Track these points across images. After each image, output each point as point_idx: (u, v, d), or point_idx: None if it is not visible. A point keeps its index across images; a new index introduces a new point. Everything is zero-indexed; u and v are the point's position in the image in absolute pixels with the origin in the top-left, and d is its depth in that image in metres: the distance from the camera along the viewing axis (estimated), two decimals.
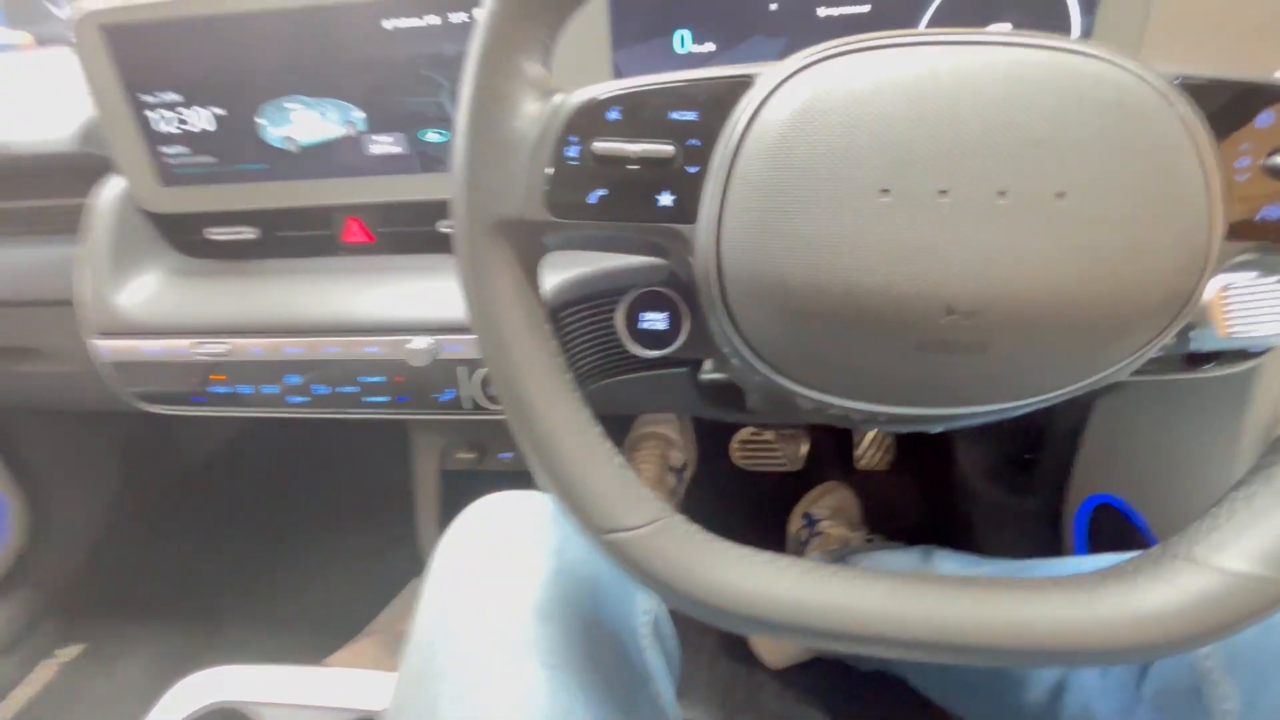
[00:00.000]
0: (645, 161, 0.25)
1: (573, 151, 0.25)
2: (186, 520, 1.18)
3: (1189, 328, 0.37)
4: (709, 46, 0.45)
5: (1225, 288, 0.34)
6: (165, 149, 0.53)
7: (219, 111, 0.51)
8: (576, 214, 0.26)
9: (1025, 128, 0.22)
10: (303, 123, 0.51)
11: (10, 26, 0.98)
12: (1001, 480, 0.93)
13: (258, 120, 0.51)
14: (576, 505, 0.27)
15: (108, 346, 0.53)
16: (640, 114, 0.25)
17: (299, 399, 0.52)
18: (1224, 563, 0.24)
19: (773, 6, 0.44)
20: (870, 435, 1.08)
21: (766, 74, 0.24)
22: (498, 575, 0.35)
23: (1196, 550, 0.25)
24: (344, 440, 1.20)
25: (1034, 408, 0.27)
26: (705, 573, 0.26)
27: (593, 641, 0.34)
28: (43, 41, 0.94)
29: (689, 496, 1.07)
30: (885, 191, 0.23)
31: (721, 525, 0.28)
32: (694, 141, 0.25)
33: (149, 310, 0.53)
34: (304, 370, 0.51)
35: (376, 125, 0.51)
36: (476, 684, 0.31)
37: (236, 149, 0.52)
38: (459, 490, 0.71)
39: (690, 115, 0.25)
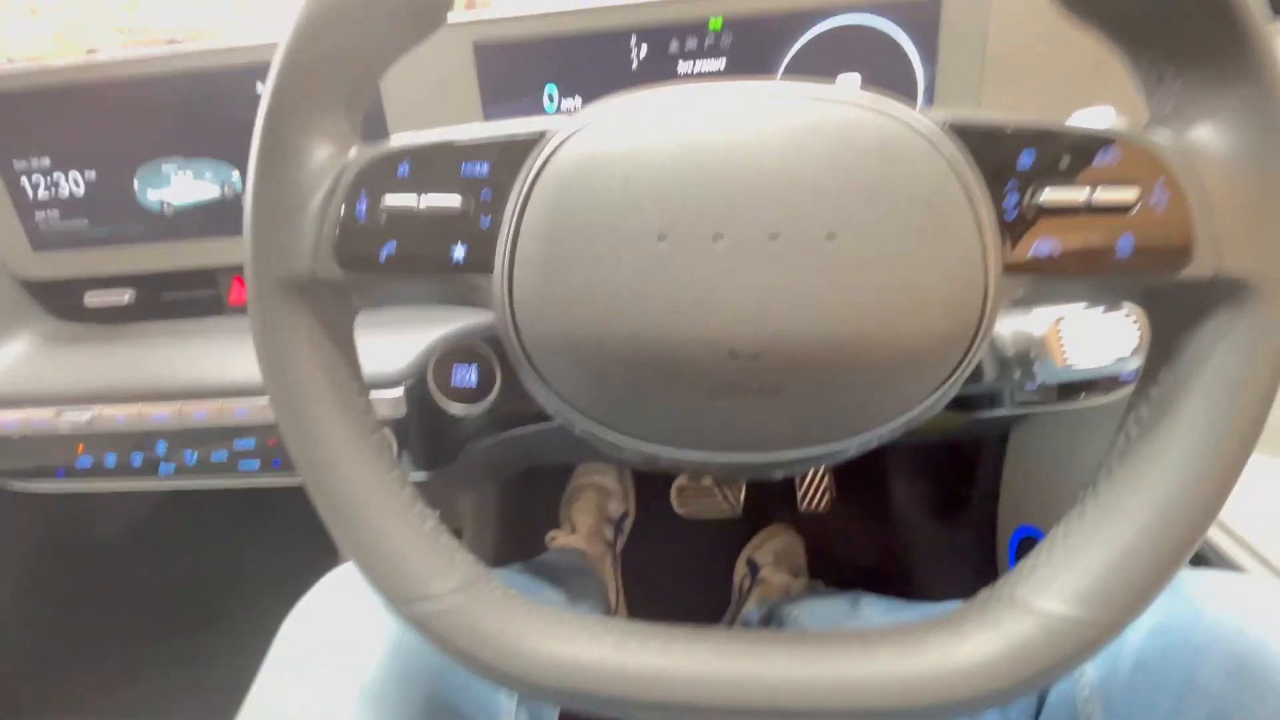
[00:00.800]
0: (434, 215, 0.25)
1: (362, 205, 0.25)
2: (96, 604, 1.10)
3: (1031, 361, 0.38)
4: (576, 100, 0.46)
5: (1059, 321, 0.35)
6: (37, 214, 0.52)
7: (91, 175, 0.50)
8: (369, 270, 0.25)
9: (795, 173, 0.22)
10: (179, 184, 0.50)
11: None
12: (937, 516, 0.92)
13: (134, 183, 0.50)
14: (379, 578, 0.25)
15: None
16: (431, 168, 0.25)
17: (168, 468, 0.49)
18: (1042, 604, 0.23)
19: (635, 64, 0.45)
20: (808, 476, 1.07)
21: (555, 129, 0.25)
22: (331, 655, 0.33)
23: (1019, 591, 0.24)
24: (266, 508, 1.14)
25: (855, 450, 0.27)
26: (513, 641, 0.24)
27: None
28: None
29: (633, 551, 1.04)
30: (662, 238, 0.22)
31: (667, 577, 0.27)
32: (486, 193, 0.25)
33: (10, 379, 0.51)
34: (171, 437, 0.49)
35: None
36: None
37: (111, 212, 0.51)
38: None
39: (482, 167, 0.25)
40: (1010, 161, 0.23)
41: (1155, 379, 0.25)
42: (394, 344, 0.46)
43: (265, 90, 0.24)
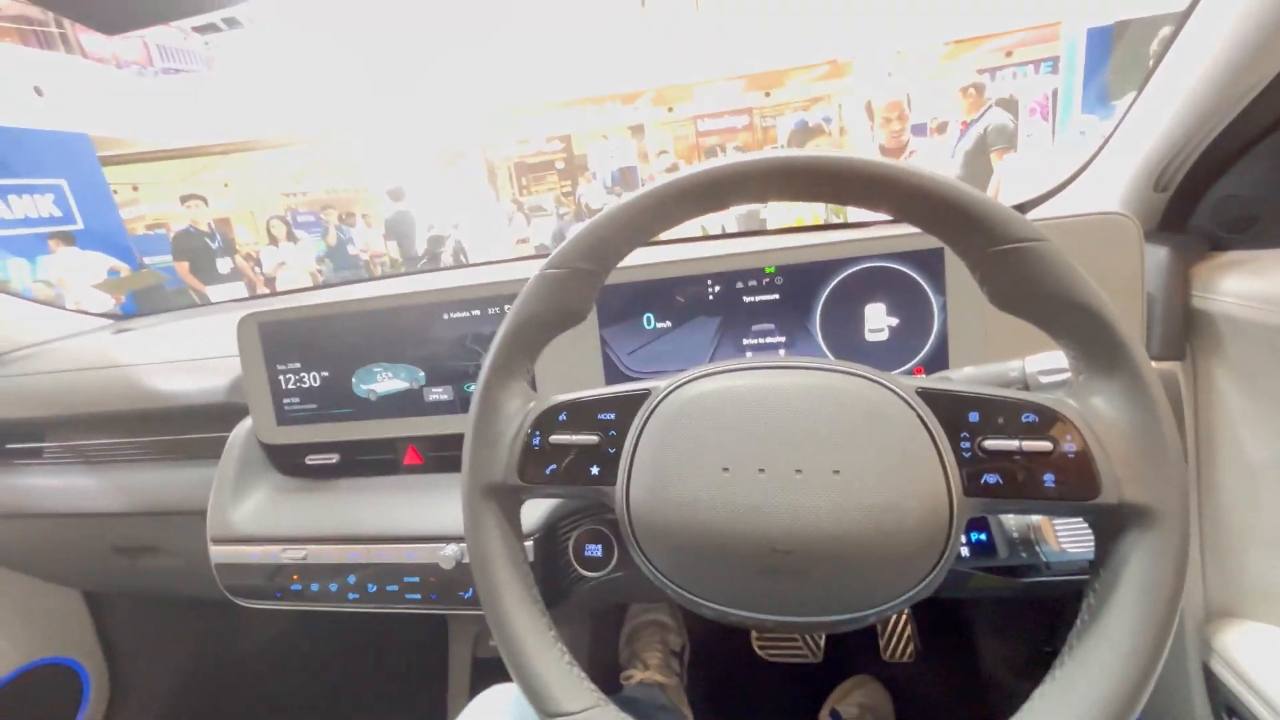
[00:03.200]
0: (580, 447, 0.39)
1: (536, 440, 0.40)
2: (241, 704, 1.25)
3: (1033, 543, 0.45)
4: (668, 323, 0.62)
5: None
6: (284, 399, 0.73)
7: (324, 374, 0.71)
8: (538, 480, 0.39)
9: (810, 427, 0.35)
10: (382, 380, 0.70)
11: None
12: (1026, 674, 0.90)
13: (352, 380, 0.71)
14: (531, 691, 0.37)
15: (218, 551, 0.69)
16: (579, 415, 0.40)
17: (354, 596, 0.64)
18: None
19: (711, 297, 0.61)
20: (890, 625, 1.08)
21: (658, 388, 0.39)
22: None
23: None
24: (387, 630, 1.28)
25: (874, 619, 0.36)
26: None
27: None
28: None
29: (713, 693, 1.06)
30: (726, 469, 0.35)
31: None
32: (613, 432, 0.39)
33: (253, 522, 0.69)
34: (359, 571, 0.64)
35: (433, 380, 0.69)
36: None
37: (332, 399, 0.72)
38: (489, 676, 0.78)
39: (610, 415, 0.39)
40: (963, 418, 0.34)
41: (1098, 575, 0.33)
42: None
43: (483, 368, 0.41)
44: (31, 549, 0.94)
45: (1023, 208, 0.79)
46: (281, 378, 0.73)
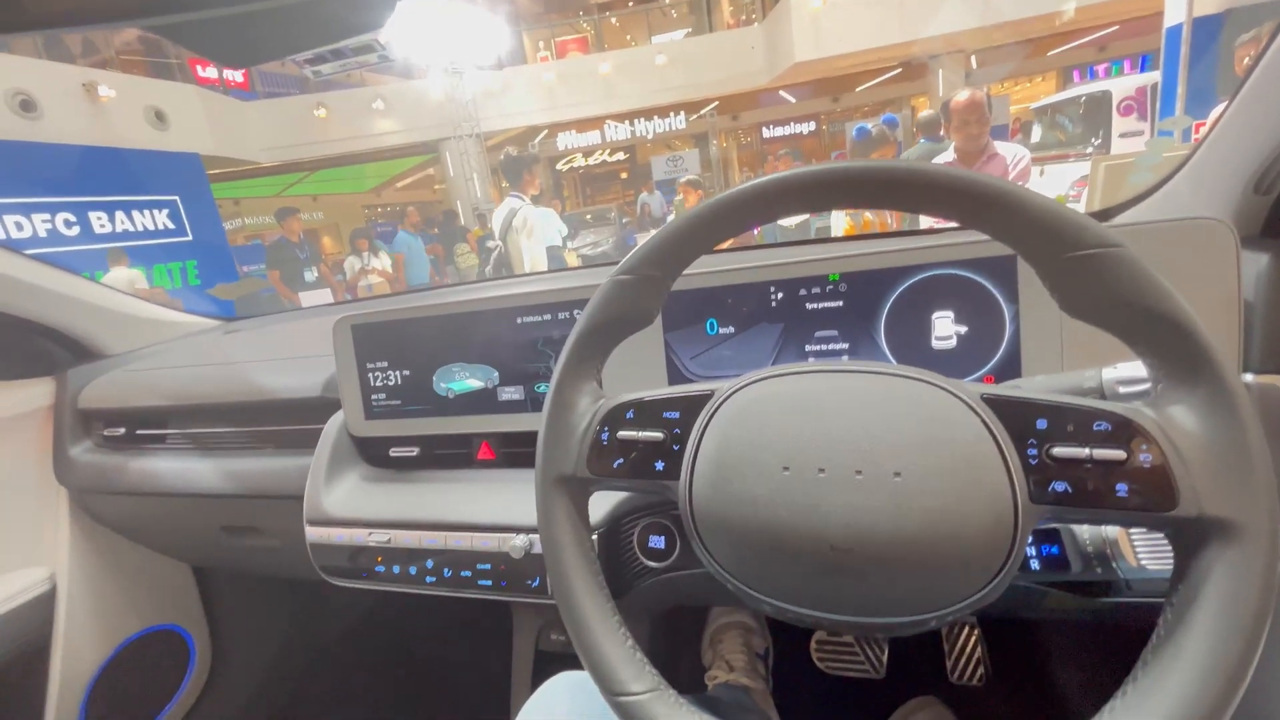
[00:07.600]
0: (646, 443, 0.41)
1: (605, 436, 0.42)
2: (323, 683, 1.34)
3: (1111, 560, 0.44)
4: (730, 329, 0.64)
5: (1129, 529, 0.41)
6: (372, 395, 0.79)
7: (407, 373, 0.77)
8: (606, 473, 0.42)
9: (871, 428, 0.35)
10: (460, 379, 0.75)
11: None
12: (1103, 704, 0.85)
13: (433, 378, 0.76)
14: (597, 672, 0.39)
15: (313, 532, 0.75)
16: (645, 413, 0.42)
17: (431, 579, 0.69)
18: None
19: (774, 304, 0.62)
20: (958, 644, 1.04)
21: (720, 390, 0.40)
22: None
23: None
24: (455, 622, 1.35)
25: (935, 624, 0.36)
26: None
27: None
28: None
29: (777, 702, 1.06)
30: (786, 468, 0.36)
31: None
32: (677, 430, 0.41)
33: (343, 507, 0.75)
34: (437, 557, 0.69)
35: (505, 380, 0.73)
36: None
37: (414, 396, 0.77)
38: (550, 668, 0.81)
39: (675, 414, 0.41)
40: (1030, 425, 0.34)
41: (1176, 590, 0.32)
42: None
43: (557, 367, 0.44)
44: (153, 524, 1.05)
45: (1108, 214, 0.76)
46: (370, 375, 0.79)
